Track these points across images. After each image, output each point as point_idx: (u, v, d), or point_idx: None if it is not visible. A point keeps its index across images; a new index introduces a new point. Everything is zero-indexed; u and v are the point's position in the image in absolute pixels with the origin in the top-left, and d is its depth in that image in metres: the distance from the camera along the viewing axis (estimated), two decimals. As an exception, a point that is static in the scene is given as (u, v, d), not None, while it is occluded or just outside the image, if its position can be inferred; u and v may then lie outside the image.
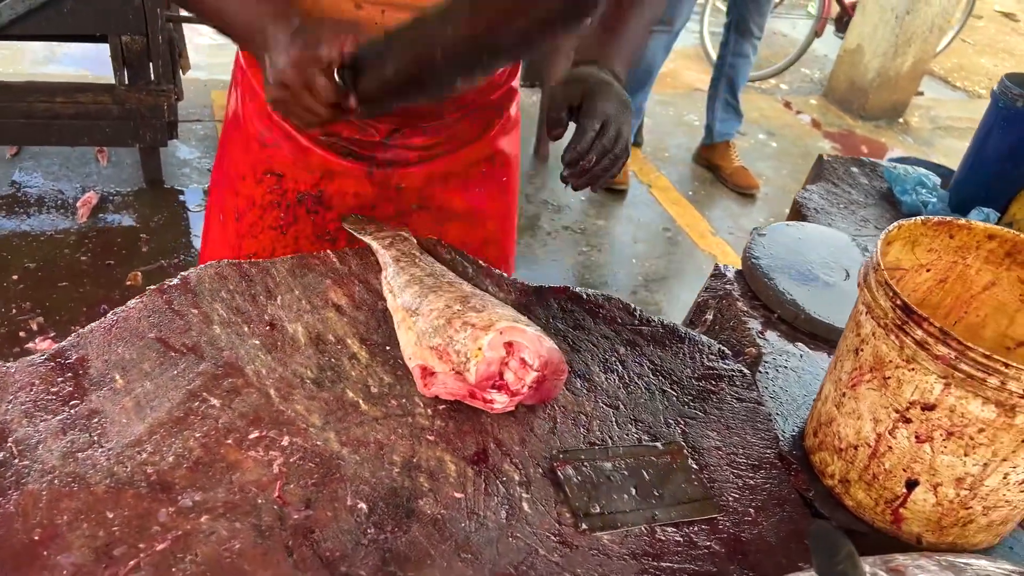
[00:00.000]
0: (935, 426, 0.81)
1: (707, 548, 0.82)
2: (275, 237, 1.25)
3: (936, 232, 0.97)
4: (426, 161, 1.24)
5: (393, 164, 1.23)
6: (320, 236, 1.26)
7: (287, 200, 1.23)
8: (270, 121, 1.21)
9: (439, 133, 1.23)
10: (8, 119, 2.81)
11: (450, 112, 1.22)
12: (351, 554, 0.73)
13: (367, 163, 1.22)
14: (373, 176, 1.23)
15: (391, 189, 1.25)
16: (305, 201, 1.23)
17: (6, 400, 0.82)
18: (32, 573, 0.67)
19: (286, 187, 1.23)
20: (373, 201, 1.24)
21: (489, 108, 1.27)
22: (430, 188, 1.27)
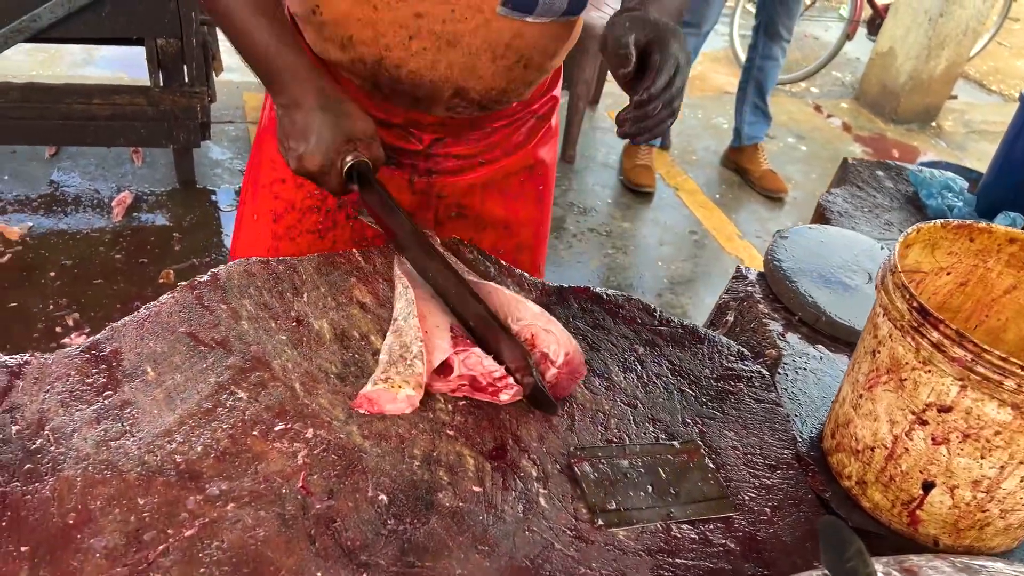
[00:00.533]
0: (951, 428, 0.81)
1: (722, 546, 0.83)
2: (312, 241, 1.27)
3: (956, 235, 0.97)
4: (467, 171, 1.26)
5: (434, 173, 1.25)
6: (357, 242, 1.27)
7: (327, 205, 1.25)
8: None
9: (480, 143, 1.24)
10: (47, 120, 2.88)
11: (493, 122, 1.23)
12: (371, 544, 0.75)
13: (408, 171, 1.24)
14: (414, 185, 1.25)
15: (432, 197, 1.26)
16: (345, 207, 1.24)
17: (43, 390, 0.85)
18: (67, 555, 0.70)
19: (327, 193, 1.23)
20: (413, 209, 1.26)
21: (531, 118, 1.28)
22: (469, 197, 1.28)
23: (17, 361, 0.88)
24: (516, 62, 1.13)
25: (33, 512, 0.73)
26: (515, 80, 1.16)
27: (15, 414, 0.82)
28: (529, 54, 1.13)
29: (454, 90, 1.13)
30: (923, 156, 4.86)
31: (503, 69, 1.13)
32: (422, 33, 1.07)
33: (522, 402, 0.94)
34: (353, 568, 0.73)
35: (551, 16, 1.10)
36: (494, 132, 1.25)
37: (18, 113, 2.84)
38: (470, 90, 1.14)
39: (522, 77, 1.16)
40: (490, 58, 1.11)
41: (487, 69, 1.12)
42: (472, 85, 1.13)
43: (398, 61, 1.11)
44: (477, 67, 1.11)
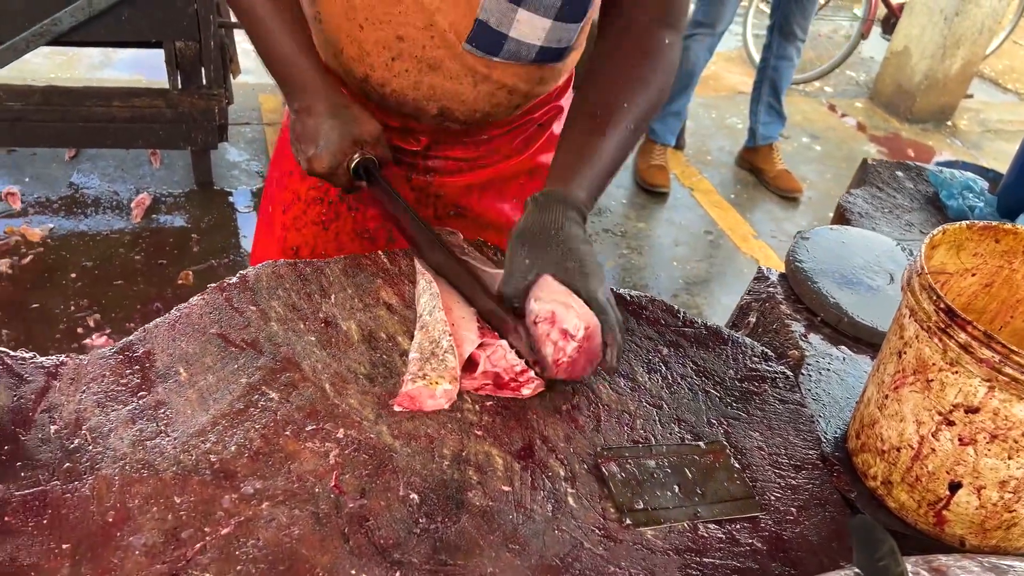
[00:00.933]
0: (979, 429, 0.81)
1: (749, 545, 0.84)
2: (317, 232, 1.30)
3: (982, 236, 0.97)
4: (465, 172, 1.28)
5: (433, 172, 1.27)
6: (360, 233, 1.30)
7: (329, 197, 1.28)
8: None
9: (479, 147, 1.26)
10: (67, 123, 2.92)
11: (490, 130, 1.25)
12: (404, 542, 0.76)
13: (407, 169, 1.26)
14: (412, 182, 1.27)
15: (430, 195, 1.29)
16: (347, 199, 1.27)
17: (80, 390, 0.87)
18: (107, 552, 0.72)
19: (329, 184, 1.27)
20: (412, 205, 1.27)
21: (532, 125, 1.29)
22: (467, 198, 1.30)
23: (53, 362, 0.90)
24: (499, 88, 1.14)
25: (73, 510, 0.75)
26: (499, 104, 1.17)
27: (53, 414, 0.84)
28: (512, 83, 1.15)
29: (438, 109, 1.16)
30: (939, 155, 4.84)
31: (485, 94, 1.15)
32: (403, 56, 1.10)
33: (548, 401, 0.95)
34: (387, 566, 0.74)
35: (520, 61, 1.11)
36: (492, 139, 1.27)
37: (39, 116, 2.87)
38: (454, 110, 1.16)
39: (507, 101, 1.18)
40: (471, 83, 1.13)
41: (469, 93, 1.14)
42: (455, 107, 1.16)
43: (382, 80, 1.14)
44: (459, 91, 1.13)
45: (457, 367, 0.92)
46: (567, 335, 0.93)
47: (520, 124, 1.28)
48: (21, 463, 0.78)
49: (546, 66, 1.15)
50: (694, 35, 3.70)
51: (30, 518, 0.74)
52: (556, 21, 1.07)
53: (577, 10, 1.07)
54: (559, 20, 1.07)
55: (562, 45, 1.12)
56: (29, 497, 0.75)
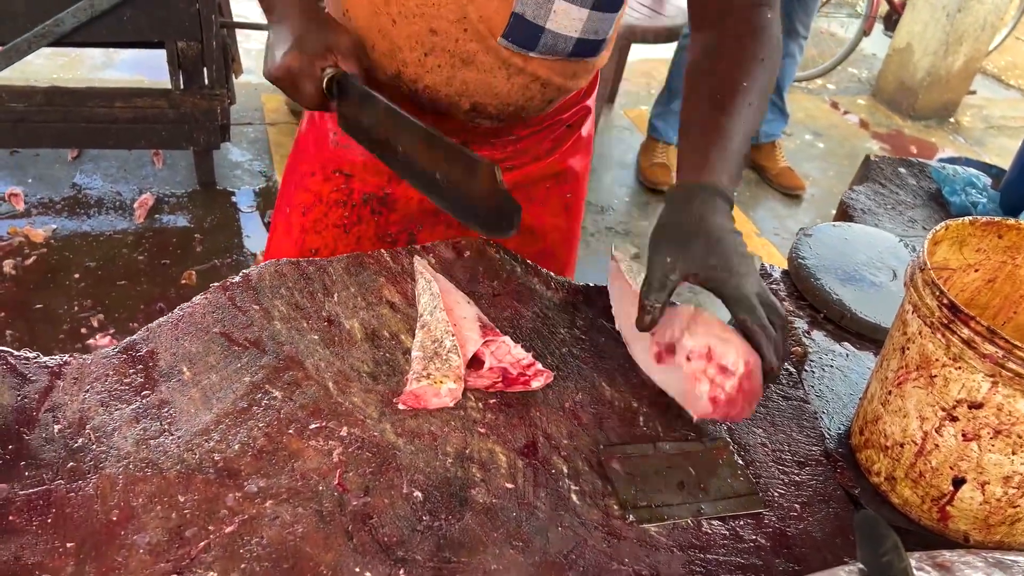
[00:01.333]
0: (982, 424, 0.81)
1: (753, 542, 0.84)
2: (338, 235, 1.29)
3: (984, 232, 0.97)
4: None
5: None
6: (381, 237, 1.29)
7: (353, 200, 1.27)
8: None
9: (508, 148, 1.25)
10: (69, 123, 2.92)
11: (519, 130, 1.24)
12: (407, 539, 0.77)
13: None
14: None
15: None
16: (370, 202, 1.26)
17: (83, 390, 0.87)
18: (111, 551, 0.72)
19: (353, 187, 1.26)
20: (436, 209, 1.26)
21: (560, 126, 1.28)
22: None
23: (57, 362, 0.90)
24: (533, 81, 1.13)
25: (77, 509, 0.75)
26: (533, 98, 1.16)
27: (56, 413, 0.84)
28: (546, 76, 1.14)
29: (471, 105, 1.15)
30: (941, 152, 4.83)
31: (519, 87, 1.13)
32: (436, 50, 1.08)
33: (552, 399, 0.95)
34: (391, 563, 0.74)
35: (557, 56, 1.10)
36: (520, 140, 1.26)
37: (41, 117, 2.87)
38: (487, 105, 1.15)
39: (541, 95, 1.16)
40: (505, 76, 1.11)
41: (503, 87, 1.13)
42: (488, 101, 1.14)
43: (414, 76, 1.12)
44: (493, 84, 1.12)
45: (461, 366, 0.92)
46: (726, 371, 0.87)
47: (549, 125, 1.27)
48: (25, 462, 0.78)
49: (580, 60, 1.14)
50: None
51: (34, 517, 0.74)
52: (593, 11, 1.05)
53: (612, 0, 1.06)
54: (596, 9, 1.05)
55: (599, 37, 1.10)
56: (33, 496, 0.75)
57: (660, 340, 0.95)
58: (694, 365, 0.89)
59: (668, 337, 0.94)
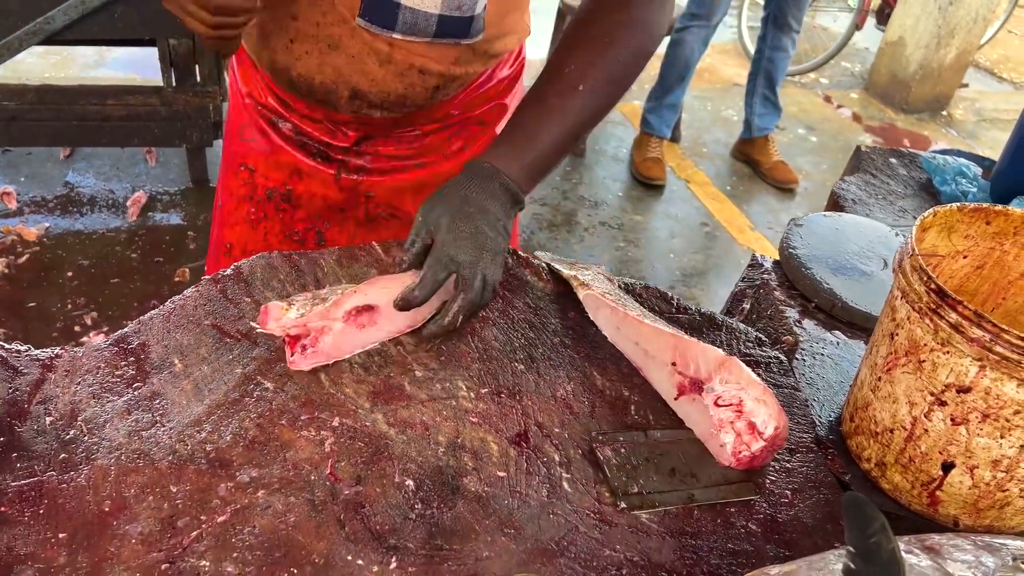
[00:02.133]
0: (970, 408, 0.82)
1: (744, 528, 0.84)
2: (246, 231, 1.27)
3: (973, 218, 0.98)
4: (399, 172, 1.22)
5: (362, 171, 1.22)
6: (288, 235, 1.26)
7: (257, 195, 1.25)
8: (248, 117, 1.22)
9: (414, 144, 1.21)
10: (62, 121, 2.92)
11: (424, 124, 1.19)
12: (399, 528, 0.77)
13: (336, 167, 1.21)
14: (341, 182, 1.22)
15: (359, 195, 1.24)
16: (274, 198, 1.24)
17: (75, 382, 0.87)
18: (103, 540, 0.72)
19: (257, 182, 1.24)
20: (342, 205, 1.24)
21: (472, 123, 1.23)
22: (400, 199, 1.25)
23: (48, 354, 0.90)
24: (408, 69, 1.08)
25: (69, 500, 0.75)
26: (413, 85, 1.10)
27: (48, 405, 0.84)
28: (421, 64, 1.08)
29: (350, 92, 1.10)
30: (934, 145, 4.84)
31: (395, 75, 1.08)
32: (300, 37, 1.05)
33: (544, 388, 0.95)
34: (383, 551, 0.74)
35: (421, 36, 1.04)
36: (426, 135, 1.21)
37: (33, 115, 2.87)
38: (367, 93, 1.10)
39: (421, 83, 1.10)
40: (376, 63, 1.07)
41: (377, 73, 1.08)
42: (367, 88, 1.10)
43: (285, 64, 1.10)
44: (366, 71, 1.07)
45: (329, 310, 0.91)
46: (755, 431, 0.87)
47: (458, 121, 1.21)
48: (17, 454, 0.78)
49: (460, 44, 1.08)
50: (689, 27, 3.70)
51: (26, 508, 0.74)
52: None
53: None
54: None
55: (464, 13, 1.03)
56: (25, 487, 0.75)
57: (684, 371, 0.94)
58: (722, 413, 0.89)
59: (693, 371, 0.93)
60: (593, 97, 1.00)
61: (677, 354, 0.94)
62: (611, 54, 1.00)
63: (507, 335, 1.02)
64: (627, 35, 1.00)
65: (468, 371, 0.96)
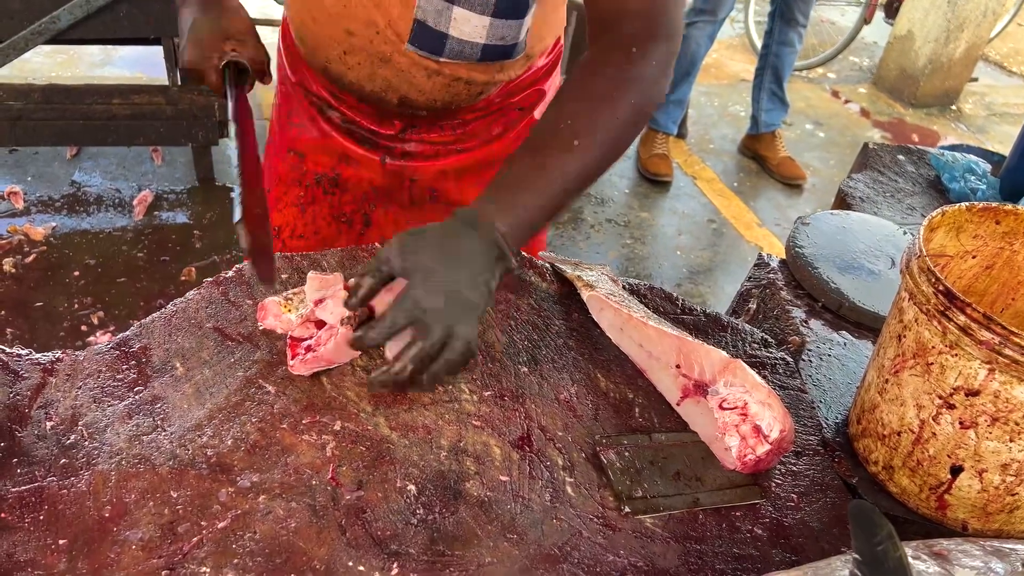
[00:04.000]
0: (979, 412, 0.81)
1: (749, 532, 0.84)
2: (296, 214, 1.31)
3: (982, 218, 0.96)
4: (442, 156, 1.26)
5: (407, 156, 1.26)
6: (336, 217, 1.31)
7: (307, 180, 1.29)
8: (297, 103, 1.27)
9: (457, 131, 1.24)
10: (68, 121, 2.92)
11: (466, 114, 1.22)
12: (401, 533, 0.76)
13: (382, 153, 1.25)
14: (386, 167, 1.26)
15: (405, 180, 1.28)
16: (323, 182, 1.28)
17: (76, 386, 0.87)
18: (104, 547, 0.72)
19: (306, 167, 1.28)
20: (387, 189, 1.28)
21: (512, 109, 1.26)
22: (443, 183, 1.28)
23: (49, 358, 0.89)
24: (454, 81, 1.11)
25: (70, 505, 0.75)
26: (459, 94, 1.14)
27: (49, 410, 0.84)
28: (467, 76, 1.11)
29: (398, 99, 1.14)
30: (944, 140, 4.81)
31: (441, 86, 1.12)
32: (354, 50, 1.09)
33: (546, 391, 0.94)
34: (384, 557, 0.74)
35: (466, 60, 1.08)
36: (467, 123, 1.24)
37: (40, 114, 2.87)
38: (414, 99, 1.14)
39: (467, 91, 1.14)
40: (424, 76, 1.10)
41: (424, 84, 1.11)
42: (415, 96, 1.13)
43: (338, 71, 1.14)
44: (414, 82, 1.11)
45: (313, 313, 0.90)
46: (760, 434, 0.86)
47: (498, 109, 1.25)
48: (17, 459, 0.78)
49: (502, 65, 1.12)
50: (695, 23, 3.68)
51: (27, 514, 0.74)
52: (495, 18, 1.03)
53: (515, 6, 1.03)
54: (497, 17, 1.03)
55: (508, 43, 1.07)
56: (25, 493, 0.75)
57: (688, 373, 0.93)
58: (727, 416, 0.88)
59: (697, 374, 0.92)
60: (591, 156, 0.96)
61: (681, 356, 0.93)
62: (612, 112, 0.96)
63: (510, 337, 1.01)
64: (628, 94, 0.96)
65: (471, 374, 0.95)
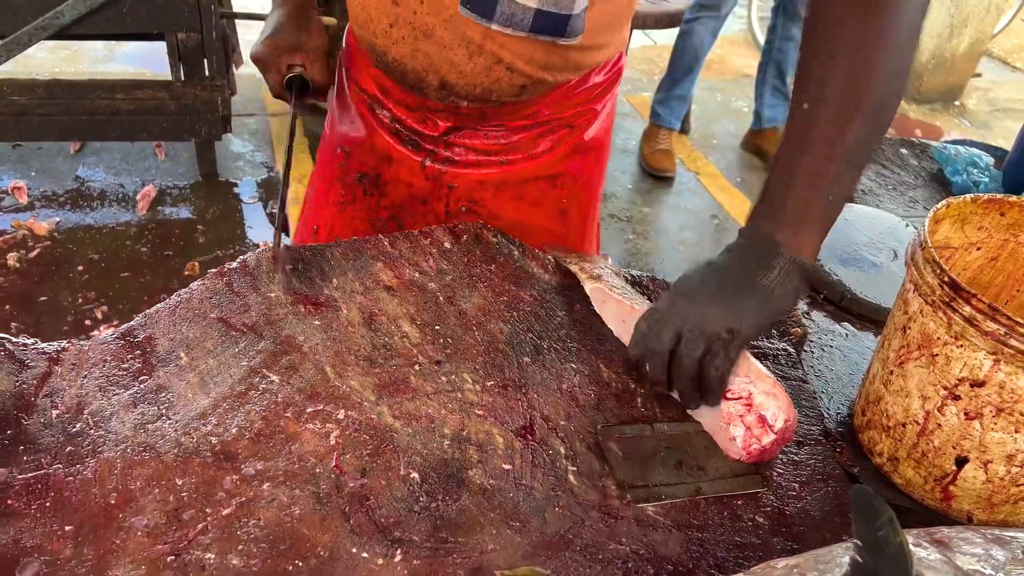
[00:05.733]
0: (984, 403, 0.81)
1: (751, 520, 0.84)
2: (334, 213, 1.32)
3: (986, 210, 0.96)
4: (483, 166, 1.24)
5: (448, 162, 1.24)
6: (372, 221, 1.30)
7: (349, 178, 1.30)
8: (350, 101, 1.29)
9: (501, 141, 1.22)
10: (72, 116, 2.92)
11: (511, 120, 1.21)
12: (404, 520, 0.76)
13: (424, 156, 1.24)
14: (426, 170, 1.25)
15: (443, 187, 1.26)
16: (364, 182, 1.29)
17: (81, 375, 0.87)
18: (109, 533, 0.72)
19: (351, 165, 1.30)
20: (425, 195, 1.27)
21: (561, 126, 1.24)
22: (481, 193, 1.26)
23: (55, 348, 0.90)
24: (496, 63, 1.10)
25: (75, 493, 0.75)
26: (499, 81, 1.12)
27: (55, 399, 0.84)
28: (509, 60, 1.10)
29: (439, 81, 1.14)
30: (947, 135, 4.80)
31: (482, 68, 1.11)
32: (399, 22, 1.10)
33: (549, 380, 0.94)
34: (387, 544, 0.74)
35: (517, 30, 1.06)
36: (513, 133, 1.22)
37: (43, 109, 2.88)
38: (454, 83, 1.13)
39: (508, 80, 1.12)
40: (465, 54, 1.09)
41: (465, 65, 1.11)
42: (454, 79, 1.13)
43: (384, 47, 1.15)
44: (455, 62, 1.11)
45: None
46: (764, 423, 0.86)
47: (546, 122, 1.22)
48: (23, 447, 0.79)
49: (551, 46, 1.09)
50: (699, 18, 3.68)
51: (33, 501, 0.74)
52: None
53: None
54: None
55: (562, 11, 1.05)
56: (32, 480, 0.76)
57: None
58: (731, 407, 0.88)
59: None
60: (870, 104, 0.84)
61: None
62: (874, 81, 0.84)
63: (513, 327, 1.01)
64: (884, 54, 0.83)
65: (474, 363, 0.95)
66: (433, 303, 1.03)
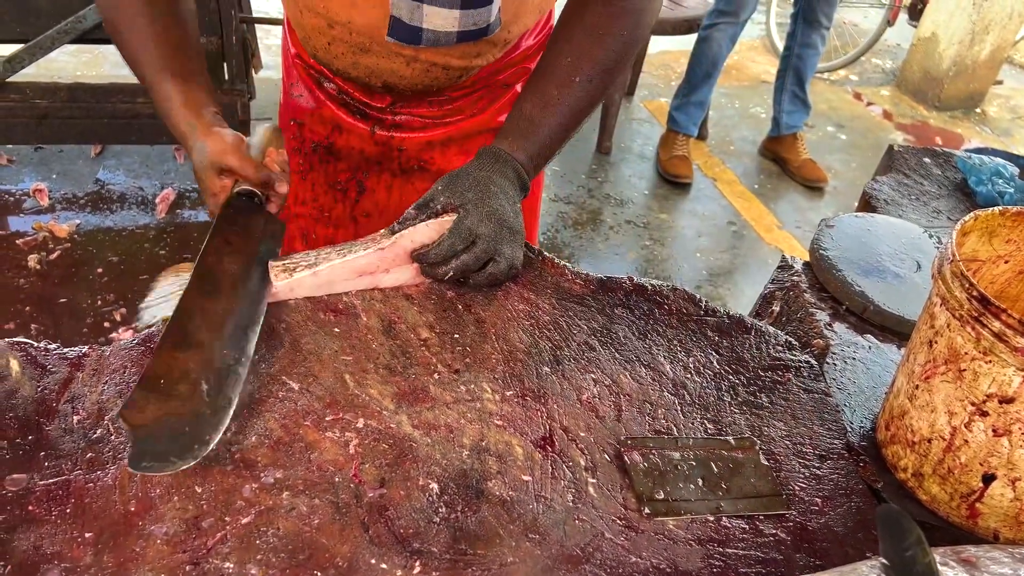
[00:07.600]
0: (1014, 419, 0.79)
1: (773, 536, 0.83)
2: (296, 182, 1.38)
3: (1015, 222, 0.95)
4: (429, 128, 1.33)
5: (395, 127, 1.33)
6: (332, 185, 1.39)
7: (305, 148, 1.37)
8: (296, 74, 1.34)
9: (443, 106, 1.31)
10: (93, 119, 2.94)
11: (452, 91, 1.29)
12: (424, 531, 0.76)
13: (372, 123, 1.32)
14: (375, 136, 1.33)
15: (393, 149, 1.35)
16: (319, 150, 1.36)
17: (102, 381, 0.87)
18: (129, 541, 0.72)
19: (305, 135, 1.36)
20: (378, 158, 1.36)
21: (497, 86, 1.33)
22: (429, 152, 1.35)
23: (76, 353, 0.90)
24: (432, 66, 1.18)
25: (96, 499, 0.75)
26: (438, 78, 1.21)
27: (76, 404, 0.84)
28: (444, 62, 1.18)
29: (383, 83, 1.22)
30: (968, 143, 4.75)
31: (420, 72, 1.19)
32: (336, 41, 1.16)
33: (569, 391, 0.94)
34: (406, 555, 0.74)
35: (444, 45, 1.14)
36: (454, 100, 1.30)
37: (65, 113, 2.90)
38: (396, 84, 1.22)
39: (445, 76, 1.21)
40: (404, 63, 1.17)
41: (404, 71, 1.19)
42: (396, 82, 1.21)
43: (326, 60, 1.22)
44: (395, 69, 1.18)
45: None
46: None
47: (484, 86, 1.31)
48: (44, 453, 0.79)
49: (479, 42, 1.16)
50: (717, 24, 3.66)
51: (54, 507, 0.74)
52: (463, 9, 1.08)
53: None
54: (466, 8, 1.08)
55: (481, 26, 1.12)
56: (52, 486, 0.76)
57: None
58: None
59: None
60: (589, 88, 1.10)
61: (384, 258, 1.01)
62: (605, 45, 1.09)
63: (532, 337, 1.01)
64: (619, 25, 1.09)
65: (493, 373, 0.95)
66: (452, 311, 1.02)
